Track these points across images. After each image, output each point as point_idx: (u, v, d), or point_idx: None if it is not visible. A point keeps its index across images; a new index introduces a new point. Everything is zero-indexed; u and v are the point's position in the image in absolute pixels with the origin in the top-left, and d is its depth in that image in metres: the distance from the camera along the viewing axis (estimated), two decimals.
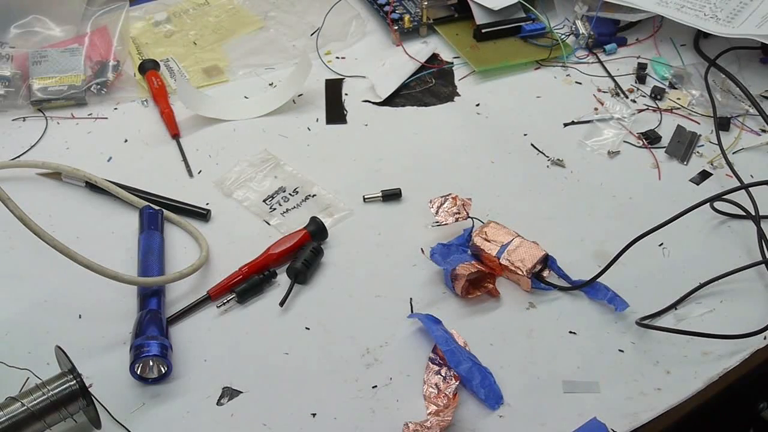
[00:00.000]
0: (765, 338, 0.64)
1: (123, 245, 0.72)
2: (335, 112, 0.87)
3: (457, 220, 0.70)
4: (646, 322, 0.64)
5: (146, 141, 0.83)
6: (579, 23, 0.95)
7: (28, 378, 0.60)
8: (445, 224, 0.70)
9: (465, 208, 0.71)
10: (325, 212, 0.75)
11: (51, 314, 0.67)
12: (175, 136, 0.83)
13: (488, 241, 0.69)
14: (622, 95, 0.88)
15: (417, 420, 0.58)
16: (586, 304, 0.67)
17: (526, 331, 0.65)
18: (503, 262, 0.68)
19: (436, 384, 0.61)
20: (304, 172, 0.79)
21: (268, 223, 0.75)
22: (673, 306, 0.66)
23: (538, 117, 0.86)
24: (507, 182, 0.79)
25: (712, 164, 0.80)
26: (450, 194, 0.71)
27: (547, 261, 0.69)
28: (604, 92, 0.89)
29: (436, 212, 0.71)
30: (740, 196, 0.72)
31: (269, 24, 0.99)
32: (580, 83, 0.90)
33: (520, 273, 0.67)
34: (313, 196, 0.77)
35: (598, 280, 0.67)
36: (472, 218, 0.71)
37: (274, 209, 0.76)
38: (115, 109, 0.87)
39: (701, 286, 0.67)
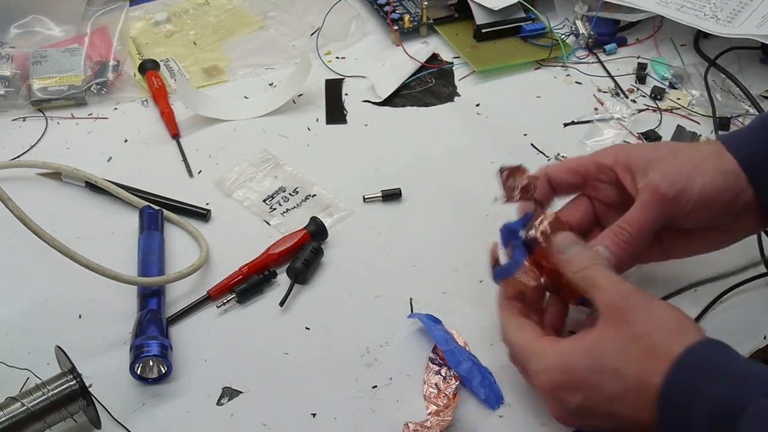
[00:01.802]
0: (765, 338, 0.64)
1: (123, 245, 0.72)
2: (335, 112, 0.87)
3: (521, 199, 0.61)
4: None
5: (146, 141, 0.83)
6: (579, 23, 0.95)
7: (28, 378, 0.60)
8: (512, 202, 0.62)
9: (532, 186, 0.61)
10: (325, 212, 0.75)
11: (51, 314, 0.67)
12: (175, 136, 0.83)
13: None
14: (622, 95, 0.88)
15: (417, 420, 0.58)
16: None
17: None
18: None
19: (436, 384, 0.61)
20: (304, 172, 0.79)
21: (268, 223, 0.75)
22: None
23: (538, 117, 0.86)
24: None
25: None
26: (520, 165, 0.62)
27: None
28: (604, 92, 0.89)
29: (504, 184, 0.61)
30: None
31: (269, 24, 0.99)
32: (580, 83, 0.90)
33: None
34: (313, 196, 0.77)
35: None
36: (535, 200, 0.62)
37: (274, 209, 0.76)
38: (115, 109, 0.87)
39: (700, 285, 0.67)
